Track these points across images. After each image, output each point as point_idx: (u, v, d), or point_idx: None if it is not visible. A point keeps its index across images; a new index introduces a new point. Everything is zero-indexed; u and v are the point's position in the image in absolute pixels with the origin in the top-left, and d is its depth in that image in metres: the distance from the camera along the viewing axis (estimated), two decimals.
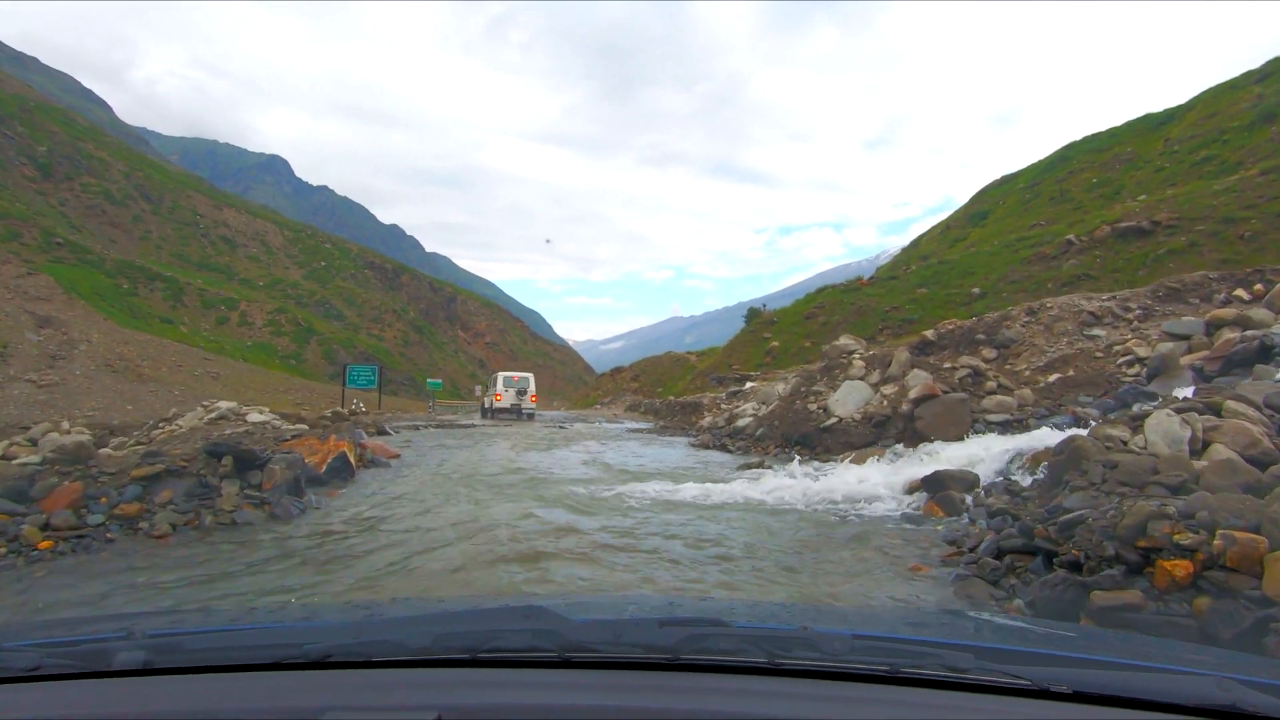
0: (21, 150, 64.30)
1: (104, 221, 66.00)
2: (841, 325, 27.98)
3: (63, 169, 66.60)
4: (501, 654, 1.13)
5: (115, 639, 1.22)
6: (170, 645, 1.19)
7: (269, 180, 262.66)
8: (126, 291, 52.05)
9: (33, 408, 27.49)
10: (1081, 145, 35.65)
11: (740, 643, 1.14)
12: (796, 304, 34.88)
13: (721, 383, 27.86)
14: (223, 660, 1.15)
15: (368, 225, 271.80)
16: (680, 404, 26.35)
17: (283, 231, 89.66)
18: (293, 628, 1.49)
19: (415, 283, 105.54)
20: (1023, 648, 1.37)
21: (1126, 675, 1.11)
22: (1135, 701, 0.99)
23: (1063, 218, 29.18)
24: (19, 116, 66.44)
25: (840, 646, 1.13)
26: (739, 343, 34.66)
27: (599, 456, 13.80)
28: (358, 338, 69.93)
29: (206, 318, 56.92)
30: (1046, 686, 1.01)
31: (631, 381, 52.46)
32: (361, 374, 30.81)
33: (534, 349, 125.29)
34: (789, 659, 1.09)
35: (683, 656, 1.10)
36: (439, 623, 1.46)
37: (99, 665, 1.10)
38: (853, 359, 14.51)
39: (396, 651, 1.14)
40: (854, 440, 12.02)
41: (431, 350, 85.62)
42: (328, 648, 1.13)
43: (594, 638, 1.16)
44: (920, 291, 28.38)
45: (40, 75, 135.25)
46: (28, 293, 42.79)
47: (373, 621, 1.53)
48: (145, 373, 38.06)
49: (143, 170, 77.85)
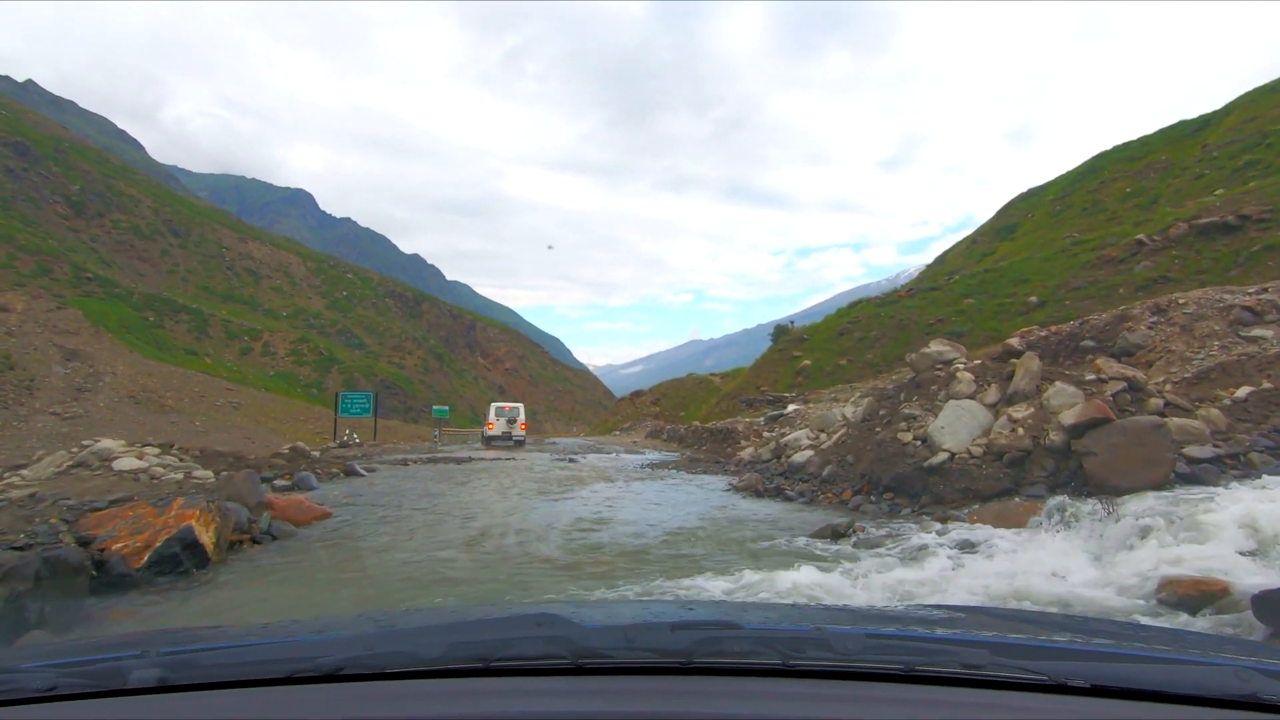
0: (55, 189, 66.18)
1: (133, 256, 67.41)
2: (880, 340, 26.47)
3: (94, 206, 68.38)
4: (515, 662, 1.13)
5: (130, 658, 1.21)
6: (184, 662, 1.20)
7: (294, 213, 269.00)
8: (153, 324, 52.77)
9: (54, 440, 27.48)
10: (1112, 155, 34.65)
11: (753, 645, 1.15)
12: (828, 320, 32.83)
13: (752, 405, 26.35)
14: (237, 676, 1.14)
15: (390, 255, 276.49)
16: (710, 431, 23.14)
17: (305, 262, 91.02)
18: (306, 641, 1.45)
19: (435, 310, 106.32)
20: (1039, 643, 1.35)
21: (1144, 668, 1.11)
22: (1154, 694, 0.99)
23: (1097, 228, 28.12)
24: (54, 156, 68.53)
25: (854, 646, 1.12)
26: (766, 363, 32.56)
27: (609, 511, 9.65)
28: (378, 365, 70.21)
29: (230, 348, 57.48)
30: (1064, 681, 1.00)
31: (652, 406, 49.80)
32: (355, 401, 28.66)
33: (553, 374, 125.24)
34: (803, 660, 1.08)
35: (696, 660, 1.09)
36: (452, 632, 1.45)
37: (114, 684, 1.10)
38: (955, 371, 10.39)
39: (410, 662, 1.14)
40: (979, 486, 8.41)
41: (452, 377, 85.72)
42: (341, 660, 1.13)
43: (607, 643, 1.16)
44: (967, 302, 26.26)
45: (77, 117, 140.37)
46: (56, 326, 43.45)
47: (386, 633, 1.51)
48: (168, 404, 38.18)
49: (171, 205, 79.73)
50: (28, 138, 67.37)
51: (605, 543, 7.51)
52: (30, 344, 39.28)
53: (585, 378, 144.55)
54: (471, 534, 8.04)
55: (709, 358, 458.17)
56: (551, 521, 8.74)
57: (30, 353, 38.40)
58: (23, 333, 40.54)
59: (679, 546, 7.31)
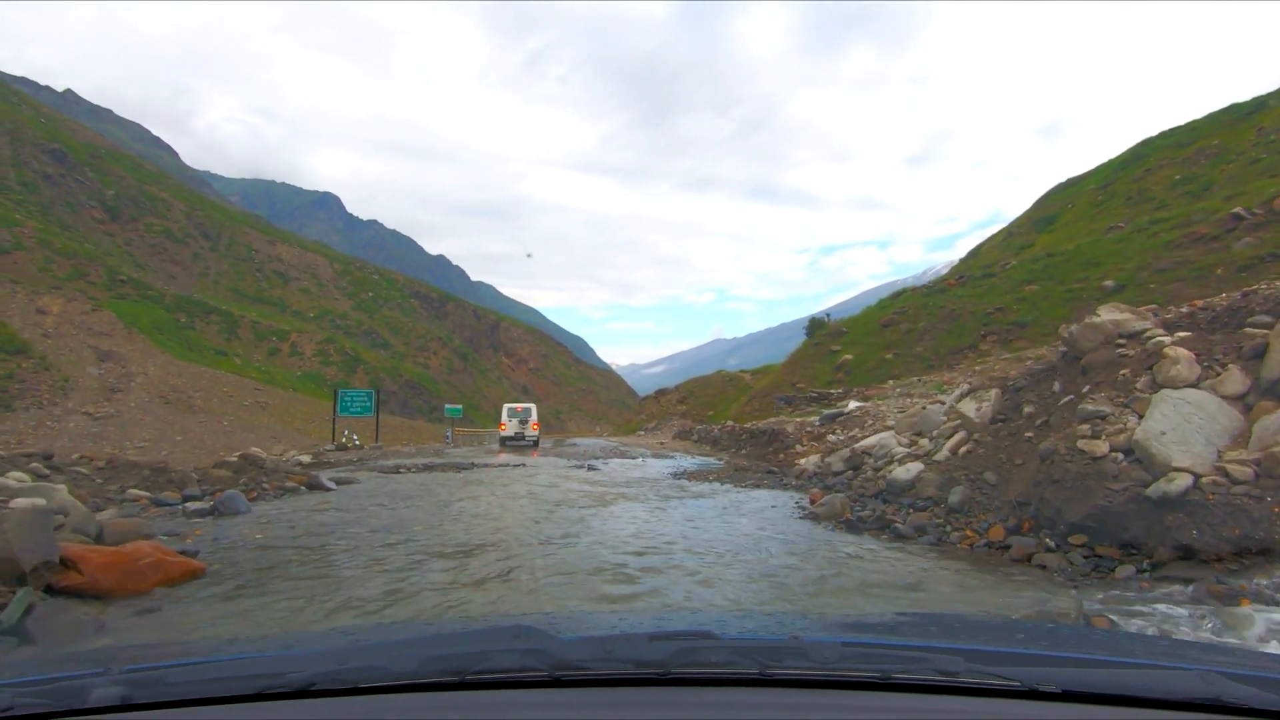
0: (92, 194, 67.76)
1: (165, 259, 68.72)
2: (930, 332, 24.52)
3: (129, 210, 69.87)
4: (491, 675, 1.11)
5: (91, 675, 1.17)
6: (148, 679, 1.17)
7: (322, 216, 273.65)
8: (184, 325, 53.62)
9: (85, 440, 27.83)
10: (1158, 141, 33.09)
11: (731, 654, 1.14)
12: (868, 311, 30.52)
13: (791, 403, 23.73)
14: (204, 693, 1.11)
15: (416, 257, 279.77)
16: (751, 433, 19.58)
17: (332, 264, 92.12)
18: (275, 657, 1.43)
19: (460, 311, 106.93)
20: (1011, 649, 1.35)
21: (1113, 673, 1.12)
22: (1123, 698, 1.01)
23: (1141, 217, 26.76)
24: (90, 163, 70.18)
25: (831, 655, 1.12)
26: (802, 358, 30.44)
27: (648, 559, 6.31)
28: (404, 366, 70.66)
29: (259, 349, 58.21)
30: (1036, 686, 1.02)
31: (679, 404, 47.95)
32: (355, 400, 26.03)
33: (577, 374, 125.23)
34: (780, 669, 1.08)
35: (673, 671, 1.09)
36: (426, 645, 1.43)
37: (75, 703, 1.06)
38: (1158, 346, 6.95)
39: (384, 676, 1.11)
40: (1263, 537, 4.97)
41: (476, 377, 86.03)
42: (312, 676, 1.10)
43: (584, 655, 1.15)
44: (1029, 289, 23.85)
45: (113, 125, 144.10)
46: (91, 328, 44.28)
47: (358, 647, 1.48)
48: (197, 404, 38.61)
49: (202, 210, 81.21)
50: (65, 144, 69.07)
51: (676, 596, 5.17)
52: (65, 345, 40.05)
53: (609, 377, 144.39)
54: (406, 616, 4.76)
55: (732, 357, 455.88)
56: (556, 586, 5.42)
57: (65, 354, 39.14)
58: (58, 334, 41.37)
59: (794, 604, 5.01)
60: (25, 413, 29.74)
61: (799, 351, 31.66)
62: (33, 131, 66.68)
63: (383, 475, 12.72)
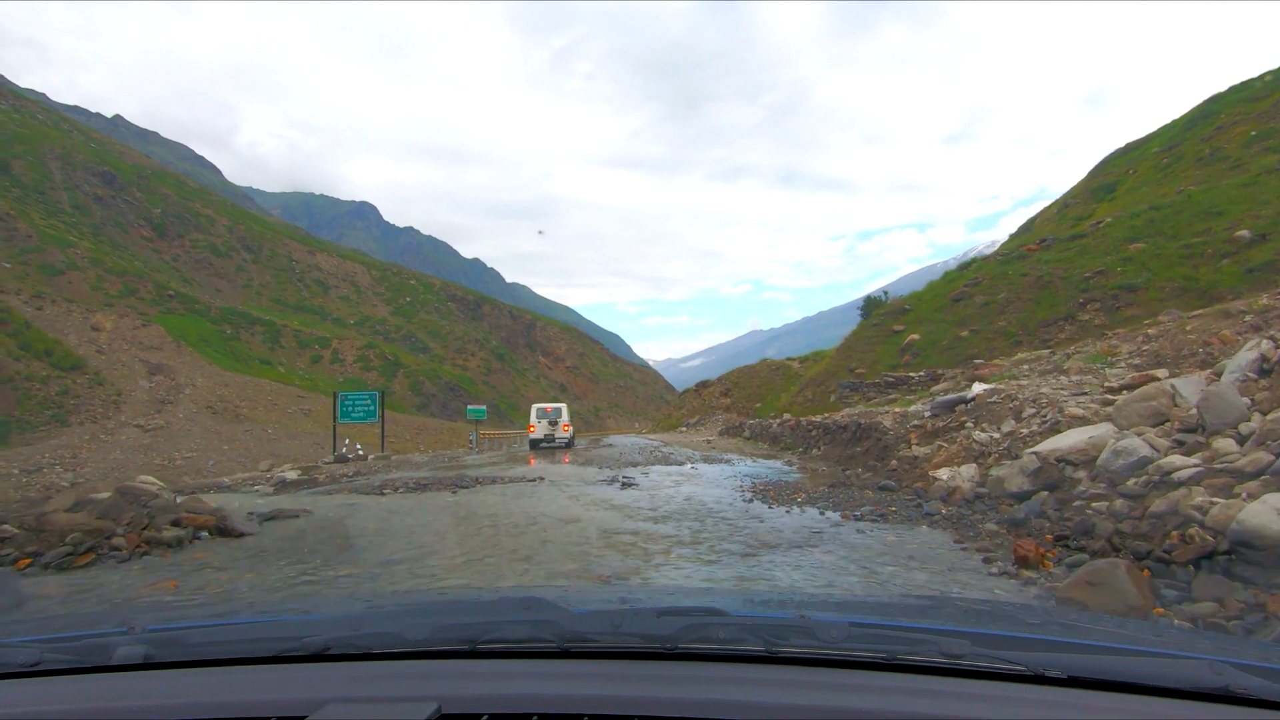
0: (140, 213, 70.08)
1: (210, 273, 70.66)
2: (1015, 304, 21.77)
3: (175, 227, 72.07)
4: (501, 645, 1.13)
5: (115, 634, 1.20)
6: (170, 639, 1.20)
7: (360, 225, 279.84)
8: (229, 336, 54.93)
9: (136, 452, 28.47)
10: (1228, 97, 30.59)
11: (738, 632, 1.15)
12: (933, 286, 27.59)
13: (857, 390, 21.14)
14: (222, 654, 1.14)
15: (451, 261, 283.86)
16: (824, 428, 15.10)
17: (370, 271, 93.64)
18: (292, 621, 1.46)
19: (496, 312, 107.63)
20: (1018, 634, 1.36)
21: (1120, 660, 1.11)
22: (1129, 686, 1.00)
23: (1216, 179, 24.67)
24: (137, 183, 72.60)
25: (837, 634, 1.13)
26: (859, 341, 27.51)
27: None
28: (442, 368, 71.26)
29: (302, 356, 59.30)
30: (1041, 671, 1.02)
31: (722, 398, 45.08)
32: (357, 404, 22.57)
33: (614, 370, 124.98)
34: (786, 647, 1.09)
35: (681, 646, 1.10)
36: (439, 614, 1.44)
37: (99, 660, 1.10)
38: None
39: (396, 644, 1.14)
40: None
41: (514, 377, 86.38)
42: (327, 640, 1.12)
43: (593, 628, 1.16)
44: (1134, 247, 20.81)
45: (160, 147, 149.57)
46: (142, 342, 45.60)
47: (372, 614, 1.50)
48: (243, 413, 39.33)
49: (244, 223, 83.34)
50: (114, 167, 71.57)
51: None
52: (118, 360, 41.26)
53: (646, 373, 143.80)
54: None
55: (770, 347, 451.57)
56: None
57: (118, 369, 40.31)
58: (111, 350, 42.67)
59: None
60: (80, 427, 30.52)
61: (855, 334, 28.93)
62: (83, 156, 69.23)
63: (357, 498, 9.75)
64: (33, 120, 73.78)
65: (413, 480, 11.94)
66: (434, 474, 13.43)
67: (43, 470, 23.37)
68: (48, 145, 66.38)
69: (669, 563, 5.49)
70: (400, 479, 12.29)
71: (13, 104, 76.52)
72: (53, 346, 36.81)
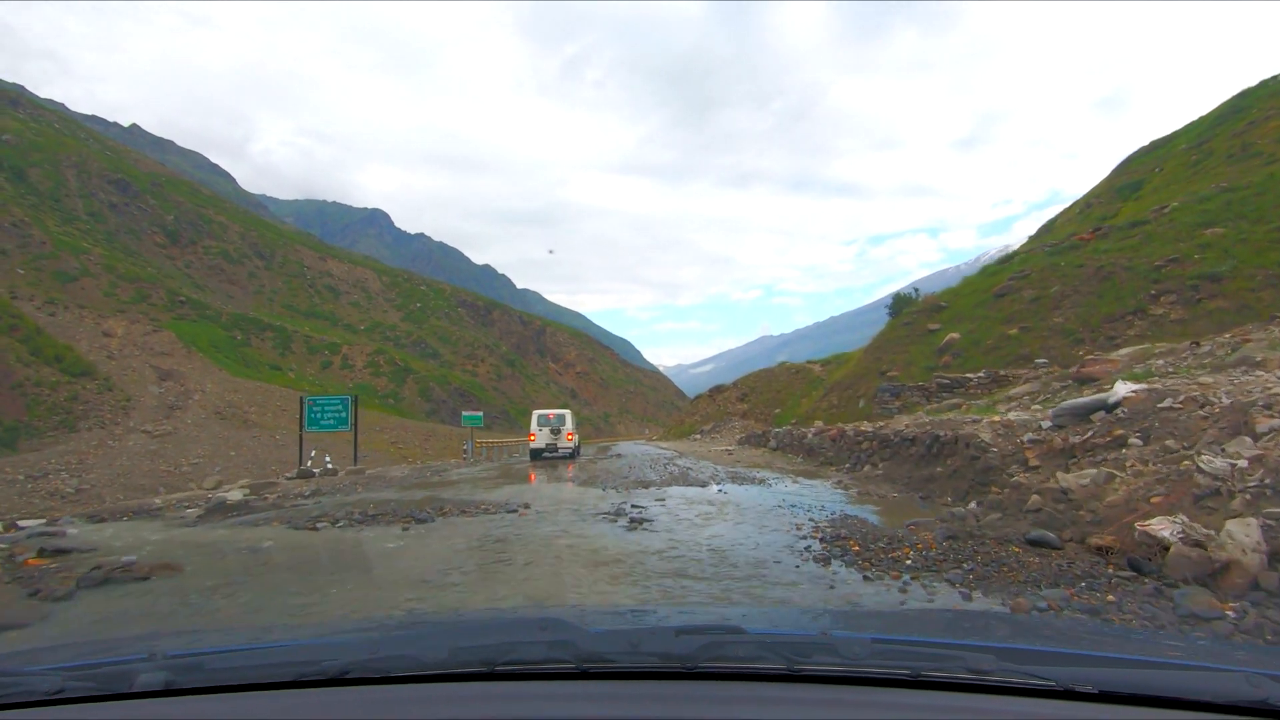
0: (153, 220, 70.62)
1: (223, 279, 71.02)
2: (1071, 298, 19.60)
3: (188, 234, 72.55)
4: (519, 666, 1.12)
5: (137, 660, 1.21)
6: (191, 665, 1.20)
7: (372, 232, 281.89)
8: (240, 342, 55.02)
9: (143, 459, 28.32)
10: (1258, 92, 29.69)
11: (758, 649, 1.14)
12: (970, 282, 25.48)
13: (897, 395, 19.01)
14: (242, 679, 1.14)
15: (462, 268, 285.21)
16: (885, 440, 11.75)
17: (380, 277, 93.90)
18: (310, 645, 1.47)
19: (506, 318, 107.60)
20: (1046, 648, 1.32)
21: (1153, 674, 1.09)
22: (1164, 700, 0.97)
23: (1249, 175, 23.74)
24: (151, 191, 73.20)
25: (860, 651, 1.11)
26: (889, 341, 25.52)
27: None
28: (452, 374, 71.12)
29: (312, 362, 59.31)
30: (1072, 686, 0.99)
31: (739, 403, 42.58)
32: (328, 410, 19.54)
33: (624, 376, 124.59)
34: (808, 665, 1.07)
35: (700, 665, 1.08)
36: (456, 636, 1.43)
37: (121, 687, 1.11)
38: None
39: (414, 666, 1.13)
40: None
41: (524, 383, 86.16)
42: (345, 664, 1.13)
43: (611, 648, 1.16)
44: (1211, 233, 19.01)
45: (175, 155, 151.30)
46: (152, 348, 45.68)
47: (390, 637, 1.50)
48: (251, 419, 39.19)
49: (256, 230, 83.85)
50: (129, 175, 72.22)
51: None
52: (128, 365, 41.31)
53: (656, 378, 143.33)
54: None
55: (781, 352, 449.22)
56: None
57: (128, 374, 40.35)
58: (122, 356, 42.75)
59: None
60: (88, 433, 30.42)
61: (884, 334, 27.14)
62: (99, 164, 69.92)
63: (283, 533, 7.72)
64: (49, 129, 74.67)
65: (371, 505, 9.33)
66: (401, 495, 11.01)
67: (48, 476, 23.19)
68: (64, 154, 67.08)
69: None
70: (358, 503, 10.03)
71: (31, 114, 77.53)
72: (63, 352, 36.86)
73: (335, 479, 15.86)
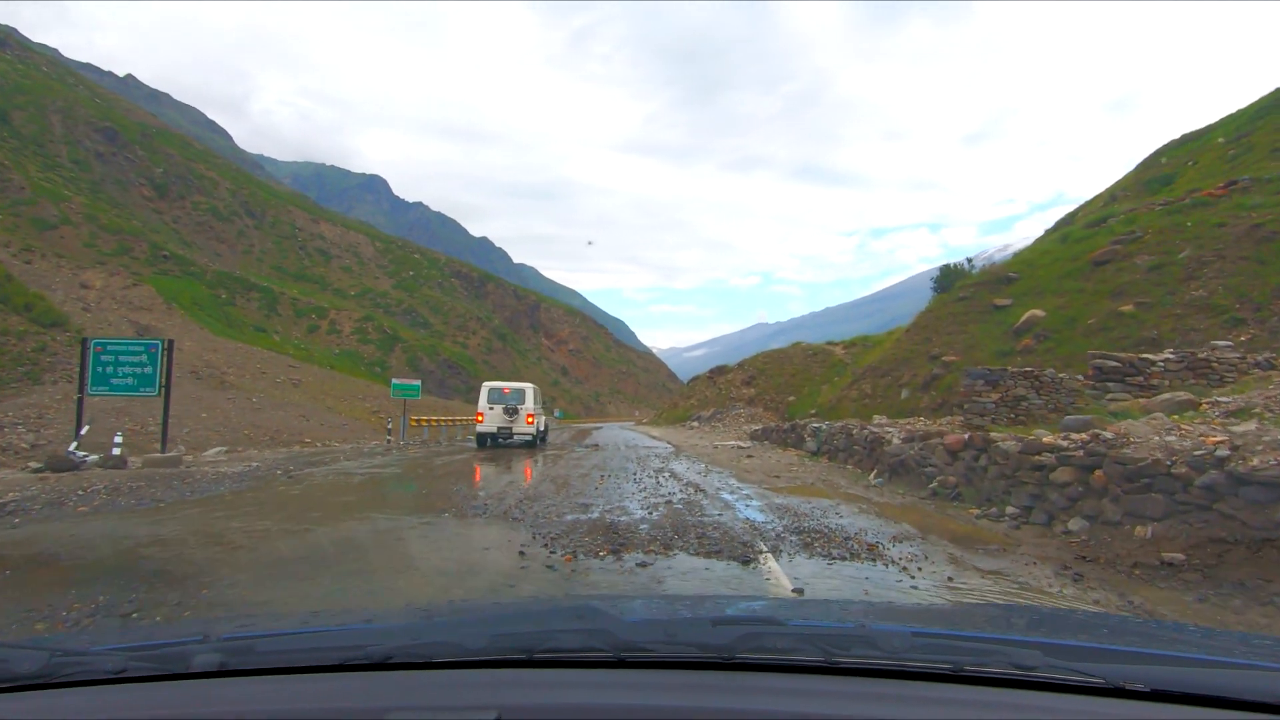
0: (141, 172, 68.72)
1: (211, 236, 69.37)
2: (1215, 266, 16.00)
3: (176, 188, 70.70)
4: (557, 654, 1.14)
5: (193, 642, 1.24)
6: (243, 648, 1.23)
7: (369, 198, 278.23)
8: (224, 301, 53.68)
9: (107, 415, 27.27)
10: None
11: (796, 641, 1.14)
12: (1051, 247, 21.06)
13: (992, 384, 12.41)
14: (291, 662, 1.18)
15: (459, 239, 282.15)
16: (1114, 468, 5.91)
17: (374, 243, 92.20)
18: (356, 630, 1.49)
19: (500, 291, 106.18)
20: (1094, 644, 1.29)
21: (1208, 672, 1.06)
22: (1219, 700, 0.94)
23: None
24: (140, 141, 71.15)
25: (900, 644, 1.09)
26: (939, 320, 20.94)
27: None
28: (442, 345, 69.97)
29: (298, 326, 58.07)
30: (1121, 684, 0.96)
31: (744, 388, 36.95)
32: (123, 361, 13.93)
33: (617, 356, 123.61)
34: (847, 657, 1.07)
35: (737, 656, 1.09)
36: (496, 624, 1.46)
37: (179, 668, 1.14)
38: None
39: (456, 652, 1.16)
40: None
41: (515, 357, 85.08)
42: (390, 649, 1.16)
43: (648, 637, 1.17)
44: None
45: (171, 109, 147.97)
46: (131, 302, 44.36)
47: (432, 623, 1.54)
48: (229, 380, 38.09)
49: (248, 188, 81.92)
50: (118, 124, 70.11)
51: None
52: (104, 319, 40.02)
53: (649, 360, 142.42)
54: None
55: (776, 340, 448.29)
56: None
57: (103, 328, 39.07)
58: (99, 309, 41.44)
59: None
60: (53, 386, 29.22)
61: (933, 310, 22.39)
62: (86, 111, 67.77)
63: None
64: (36, 72, 72.29)
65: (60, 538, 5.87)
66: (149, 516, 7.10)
67: (3, 430, 22.05)
68: (51, 98, 64.94)
69: None
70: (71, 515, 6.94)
71: (19, 55, 75.05)
72: (34, 301, 35.53)
73: (118, 473, 10.88)
